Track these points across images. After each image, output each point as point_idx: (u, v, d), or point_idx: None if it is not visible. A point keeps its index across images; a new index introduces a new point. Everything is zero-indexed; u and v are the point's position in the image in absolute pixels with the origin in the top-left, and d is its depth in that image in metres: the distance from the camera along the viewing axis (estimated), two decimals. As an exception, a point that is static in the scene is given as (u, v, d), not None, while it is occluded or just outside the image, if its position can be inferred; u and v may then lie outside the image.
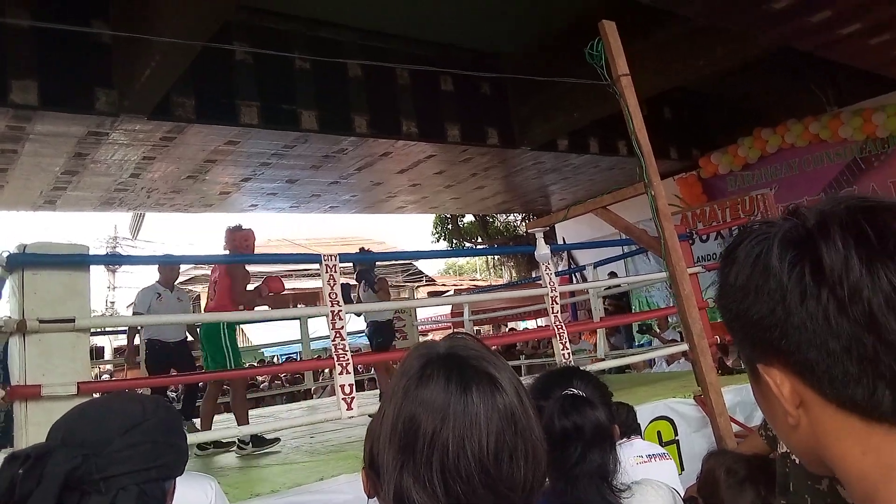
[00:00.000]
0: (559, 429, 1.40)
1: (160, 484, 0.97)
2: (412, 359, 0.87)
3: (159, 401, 1.04)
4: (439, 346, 0.88)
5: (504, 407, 0.80)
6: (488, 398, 0.80)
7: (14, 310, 2.83)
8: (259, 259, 5.17)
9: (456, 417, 0.78)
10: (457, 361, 0.84)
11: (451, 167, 9.39)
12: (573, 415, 1.42)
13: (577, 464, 1.37)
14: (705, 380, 2.45)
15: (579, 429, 1.40)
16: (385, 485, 0.79)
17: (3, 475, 0.87)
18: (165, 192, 8.87)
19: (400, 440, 0.79)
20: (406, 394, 0.82)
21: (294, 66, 6.86)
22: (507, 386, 0.82)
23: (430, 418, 0.78)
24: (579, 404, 1.44)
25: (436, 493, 0.76)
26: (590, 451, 1.38)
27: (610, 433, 1.46)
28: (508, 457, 0.78)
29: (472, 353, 0.86)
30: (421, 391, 0.81)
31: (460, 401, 0.79)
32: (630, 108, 2.51)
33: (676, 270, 2.48)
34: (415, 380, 0.82)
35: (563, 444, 1.38)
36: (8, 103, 5.46)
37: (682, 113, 10.25)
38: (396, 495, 0.78)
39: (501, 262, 19.63)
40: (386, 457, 0.80)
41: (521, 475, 0.78)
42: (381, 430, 0.83)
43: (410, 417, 0.80)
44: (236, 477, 3.20)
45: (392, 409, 0.82)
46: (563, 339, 3.96)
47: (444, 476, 0.76)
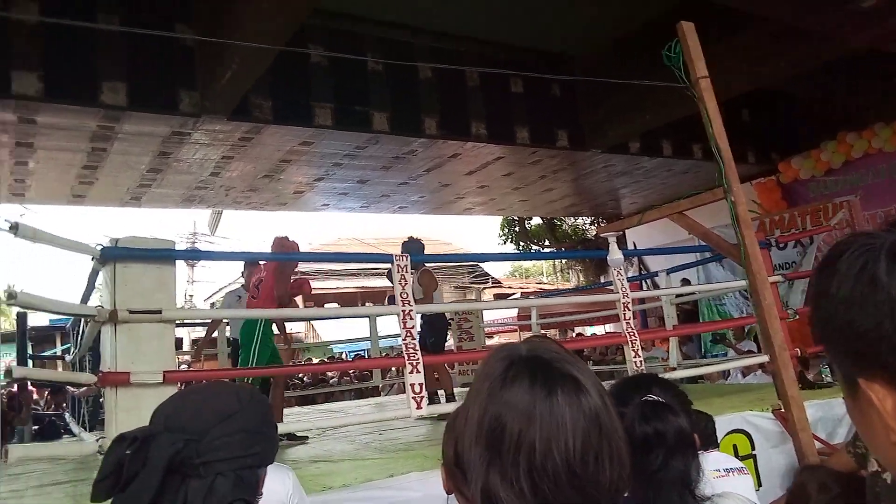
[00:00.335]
0: (640, 435, 1.38)
1: (254, 471, 1.02)
2: (495, 360, 0.88)
3: (254, 392, 1.09)
4: (521, 348, 0.89)
5: (589, 409, 0.81)
6: (573, 400, 0.81)
7: (106, 300, 2.99)
8: (334, 258, 5.35)
9: (542, 419, 0.79)
10: (540, 363, 0.85)
11: (519, 169, 9.36)
12: (654, 421, 1.40)
13: (660, 470, 1.35)
14: (787, 393, 2.36)
15: (661, 435, 1.38)
16: (472, 482, 0.81)
17: (112, 455, 0.94)
18: (242, 191, 9.17)
19: (486, 439, 0.80)
20: (491, 395, 0.83)
21: (367, 68, 6.98)
22: (590, 388, 0.83)
23: (515, 419, 0.79)
24: (660, 410, 1.42)
25: (523, 492, 0.77)
26: (672, 458, 1.36)
27: (692, 440, 1.43)
28: (594, 458, 0.78)
29: (555, 355, 0.87)
30: (506, 392, 0.82)
31: (546, 402, 0.80)
32: (709, 112, 2.45)
33: (757, 279, 2.40)
34: (499, 381, 0.84)
35: (645, 451, 1.37)
36: (99, 104, 5.76)
37: (761, 115, 9.89)
38: (484, 493, 0.79)
39: (569, 265, 19.39)
40: (472, 455, 0.81)
41: (606, 476, 0.79)
42: (466, 430, 0.84)
43: (496, 417, 0.81)
44: (308, 469, 3.28)
45: (476, 409, 0.83)
46: (635, 347, 3.90)
47: (532, 475, 0.77)
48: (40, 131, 6.44)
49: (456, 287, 23.84)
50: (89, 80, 5.65)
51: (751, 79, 7.23)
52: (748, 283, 2.46)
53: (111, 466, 0.92)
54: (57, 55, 5.51)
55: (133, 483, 0.91)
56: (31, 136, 6.57)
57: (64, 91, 5.60)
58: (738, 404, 3.79)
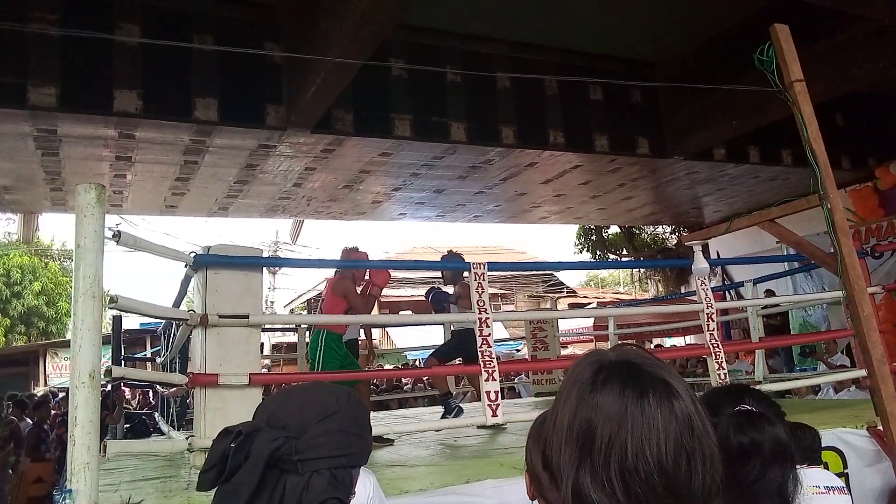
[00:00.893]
0: (736, 445, 1.35)
1: (348, 471, 1.06)
2: (583, 366, 0.89)
3: (351, 394, 1.13)
4: (609, 353, 0.90)
5: (681, 412, 0.81)
6: (665, 403, 0.81)
7: (198, 305, 3.14)
8: (411, 265, 5.45)
9: (633, 421, 0.79)
10: (631, 367, 0.85)
11: (597, 177, 9.23)
12: (750, 430, 1.36)
13: (756, 482, 1.31)
14: (885, 409, 2.23)
15: (758, 445, 1.34)
16: (562, 484, 0.81)
17: (217, 446, 0.99)
18: (323, 201, 9.43)
19: (577, 441, 0.81)
20: (580, 399, 0.84)
21: (446, 79, 7.06)
22: (682, 392, 0.83)
23: (607, 423, 0.80)
24: (756, 420, 1.38)
25: (615, 493, 0.77)
26: (769, 470, 1.32)
27: (790, 452, 1.38)
28: (686, 460, 0.78)
29: (645, 360, 0.88)
30: (596, 397, 0.82)
31: (637, 405, 0.80)
32: (804, 116, 2.35)
33: (855, 290, 2.28)
34: (588, 385, 0.84)
35: (741, 462, 1.33)
36: (192, 119, 6.06)
37: (856, 119, 9.39)
38: (575, 494, 0.79)
39: (647, 275, 18.93)
40: (562, 457, 0.82)
41: (699, 479, 0.78)
42: (555, 434, 0.85)
43: (586, 421, 0.81)
44: (385, 473, 3.32)
45: (566, 414, 0.84)
46: (719, 359, 3.77)
47: (623, 476, 0.77)
48: (138, 146, 6.84)
49: (530, 296, 23.68)
50: (184, 97, 5.96)
51: (846, 81, 6.89)
52: (844, 294, 2.34)
53: (216, 458, 0.97)
54: (155, 74, 5.84)
55: (235, 475, 0.96)
56: (129, 151, 6.98)
57: (161, 108, 5.93)
58: (829, 420, 3.60)
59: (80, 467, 2.17)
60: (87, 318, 2.25)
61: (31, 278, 22.82)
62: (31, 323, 23.18)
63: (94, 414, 2.20)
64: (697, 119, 7.76)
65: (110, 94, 5.70)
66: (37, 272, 23.19)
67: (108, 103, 5.71)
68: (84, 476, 2.17)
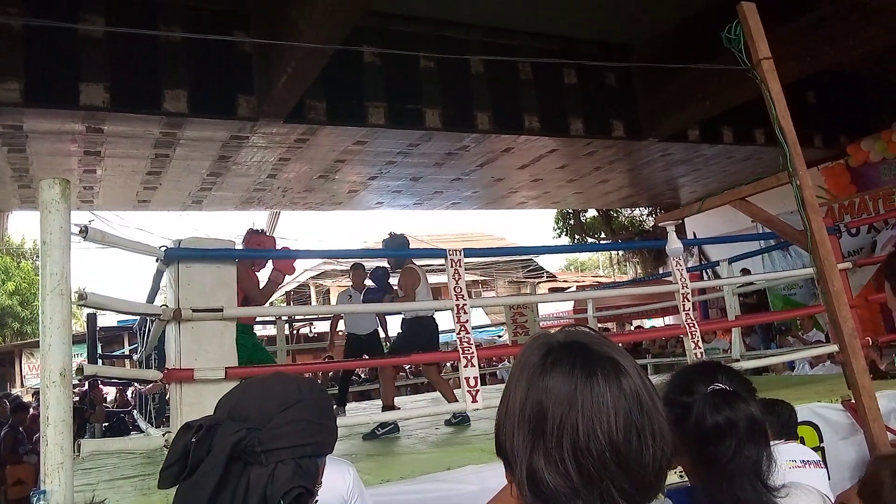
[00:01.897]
0: (711, 424, 1.35)
1: (314, 460, 1.05)
2: (532, 349, 0.89)
3: (313, 383, 1.11)
4: (557, 335, 0.90)
5: (630, 389, 0.82)
6: (613, 381, 0.82)
7: (170, 300, 3.10)
8: (384, 254, 5.33)
9: (583, 401, 0.80)
10: (579, 348, 0.86)
11: (573, 161, 9.25)
12: (725, 409, 1.36)
13: (732, 460, 1.32)
14: (857, 383, 2.26)
15: (733, 424, 1.34)
16: (516, 468, 0.82)
17: (179, 442, 0.98)
18: (299, 192, 9.36)
19: (529, 424, 0.82)
20: (530, 383, 0.84)
21: (419, 65, 7.02)
22: (630, 369, 0.84)
23: (557, 404, 0.81)
24: (731, 398, 1.38)
25: (568, 473, 0.78)
26: (744, 447, 1.32)
27: (764, 429, 1.39)
28: (637, 436, 0.80)
29: (593, 339, 0.89)
30: (545, 379, 0.83)
31: (587, 385, 0.81)
32: (772, 94, 2.36)
33: (825, 265, 2.31)
34: (538, 368, 0.85)
35: (717, 440, 1.34)
36: (162, 111, 5.96)
37: (827, 97, 9.49)
38: (529, 476, 0.80)
39: (626, 258, 19.07)
40: (515, 442, 0.83)
41: (650, 453, 0.80)
42: (507, 419, 0.86)
43: (537, 403, 0.82)
44: (367, 463, 3.32)
45: (517, 398, 0.85)
46: (695, 338, 3.81)
47: (576, 456, 0.78)
48: (107, 140, 6.71)
49: (510, 282, 23.78)
50: (153, 89, 5.85)
51: (817, 60, 6.95)
52: (815, 270, 2.37)
53: (178, 453, 0.96)
54: (122, 66, 5.73)
55: (197, 470, 0.94)
56: (98, 145, 6.86)
57: (129, 100, 5.82)
58: (805, 396, 3.66)
59: (54, 467, 2.14)
60: (56, 317, 2.21)
61: (4, 278, 22.45)
62: (5, 324, 22.83)
63: (66, 413, 2.16)
64: (672, 101, 7.79)
65: (76, 88, 5.59)
66: (9, 272, 22.82)
67: (74, 97, 5.60)
68: (58, 476, 2.14)
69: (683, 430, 1.40)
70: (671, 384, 1.50)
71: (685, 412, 1.40)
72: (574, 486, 0.78)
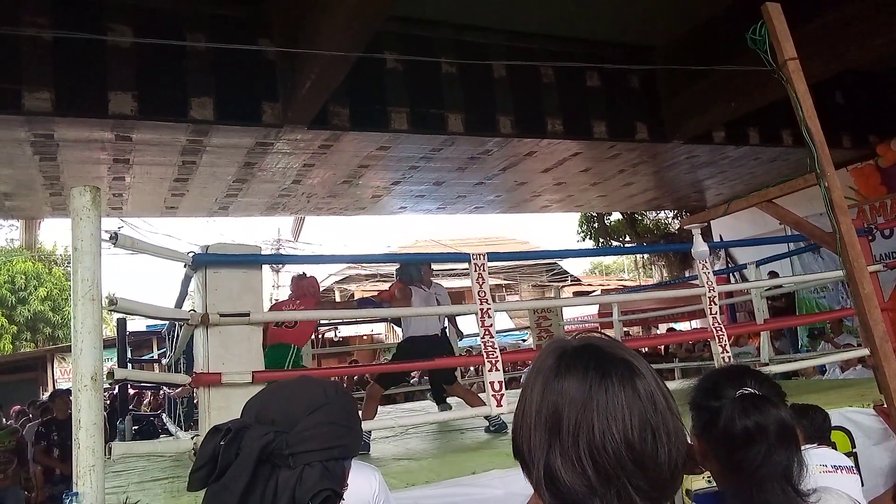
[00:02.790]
0: (741, 429, 1.34)
1: (340, 463, 1.06)
2: (546, 354, 0.92)
3: (338, 386, 1.13)
4: (571, 340, 0.93)
5: (644, 390, 0.84)
6: (628, 382, 0.84)
7: (198, 304, 3.14)
8: (411, 259, 5.39)
9: (598, 401, 0.82)
10: (592, 351, 0.88)
11: (597, 164, 9.20)
12: (755, 414, 1.34)
13: (762, 465, 1.30)
14: (889, 387, 2.22)
15: (763, 428, 1.33)
16: (534, 468, 0.83)
17: (207, 445, 0.99)
18: (323, 197, 9.42)
19: (545, 426, 0.84)
20: (546, 386, 0.86)
21: (441, 70, 7.04)
22: (644, 371, 0.86)
23: (572, 405, 0.83)
24: (760, 403, 1.36)
25: (585, 472, 0.80)
26: (774, 452, 1.31)
27: (795, 432, 1.37)
28: (652, 435, 0.81)
29: (606, 343, 0.91)
30: (561, 382, 0.85)
31: (601, 386, 0.83)
32: (798, 94, 2.32)
33: (854, 268, 2.27)
34: (552, 371, 0.87)
35: (747, 445, 1.32)
36: (189, 119, 6.05)
37: (856, 96, 9.33)
38: (547, 475, 0.82)
39: (651, 261, 18.90)
40: (532, 443, 0.85)
41: (665, 452, 0.82)
42: (523, 422, 0.88)
43: (553, 405, 0.84)
44: (391, 467, 3.33)
45: (533, 401, 0.87)
46: (722, 342, 3.76)
47: (592, 454, 0.80)
48: (135, 147, 6.83)
49: (534, 286, 23.67)
50: (179, 97, 5.94)
51: (842, 60, 6.83)
52: (844, 273, 2.33)
53: (206, 457, 0.97)
54: (149, 75, 5.83)
55: (226, 473, 0.96)
56: (127, 153, 6.98)
57: (156, 108, 5.91)
58: (836, 400, 3.59)
59: (86, 470, 2.18)
60: (87, 321, 2.26)
61: (36, 284, 22.87)
62: (37, 329, 23.26)
63: (97, 416, 2.21)
64: (696, 102, 7.72)
65: (105, 97, 5.69)
66: (41, 278, 23.25)
67: (103, 106, 5.70)
68: (90, 478, 2.18)
69: (712, 434, 1.39)
70: (699, 388, 1.49)
71: (713, 417, 1.39)
72: (591, 484, 0.79)
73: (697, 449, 1.46)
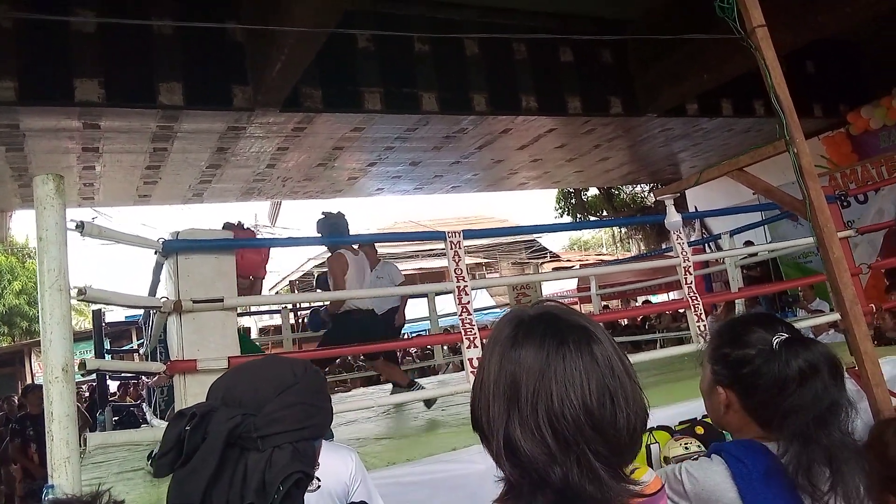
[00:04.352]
0: (795, 370, 1.31)
1: (311, 443, 1.04)
2: (503, 324, 0.91)
3: (307, 365, 1.10)
4: (528, 309, 0.92)
5: (601, 355, 0.84)
6: (585, 348, 0.84)
7: (170, 292, 3.10)
8: (386, 238, 5.35)
9: (556, 368, 0.82)
10: (549, 319, 0.88)
11: (572, 140, 9.21)
12: (804, 353, 1.32)
13: (821, 402, 1.28)
14: (859, 349, 2.26)
15: (815, 367, 1.31)
16: (493, 440, 0.83)
17: (171, 430, 0.97)
18: (299, 181, 9.34)
19: (504, 395, 0.84)
20: (503, 356, 0.86)
21: (414, 49, 6.97)
22: (601, 336, 0.86)
23: (530, 373, 0.82)
24: (807, 342, 1.35)
25: (544, 440, 0.79)
26: (830, 389, 1.30)
27: (843, 369, 1.36)
28: (610, 400, 0.81)
29: (563, 310, 0.91)
30: (518, 351, 0.85)
31: (558, 353, 0.83)
32: (767, 62, 2.33)
33: (824, 233, 2.29)
34: (509, 341, 0.87)
35: (802, 386, 1.30)
36: (157, 105, 5.94)
37: (826, 66, 9.41)
38: (507, 445, 0.82)
39: (629, 235, 19.05)
40: (491, 413, 0.84)
41: (623, 416, 0.82)
42: (482, 393, 0.88)
43: (511, 375, 0.84)
44: (372, 447, 3.34)
45: (491, 372, 0.87)
46: (698, 311, 3.80)
47: (551, 421, 0.80)
48: (104, 135, 6.70)
49: (514, 263, 23.76)
50: (147, 83, 5.83)
51: (813, 28, 6.87)
52: (815, 238, 2.35)
53: (171, 442, 0.95)
54: (115, 60, 5.70)
55: (193, 458, 0.94)
56: (96, 141, 6.85)
57: (124, 95, 5.80)
58: (810, 366, 3.64)
59: (61, 462, 2.15)
60: (56, 312, 2.21)
61: (10, 278, 22.52)
62: (13, 323, 22.94)
63: (70, 408, 2.17)
64: (668, 75, 7.73)
65: (71, 84, 5.57)
66: (15, 271, 22.89)
67: (69, 93, 5.58)
68: (65, 470, 2.15)
69: (747, 384, 1.36)
70: (720, 339, 1.46)
71: (750, 365, 1.36)
72: (551, 452, 0.79)
73: (722, 400, 1.43)
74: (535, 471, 0.79)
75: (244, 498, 0.91)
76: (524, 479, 0.81)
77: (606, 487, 0.79)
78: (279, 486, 0.93)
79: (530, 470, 0.80)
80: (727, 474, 1.31)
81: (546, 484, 0.80)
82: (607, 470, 0.80)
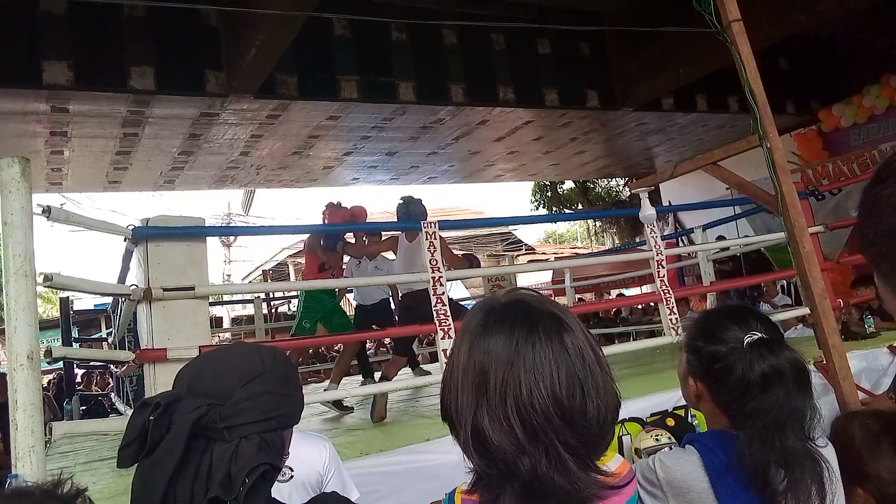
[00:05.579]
0: (759, 375, 1.31)
1: (279, 433, 1.01)
2: (473, 313, 0.90)
3: (276, 352, 1.07)
4: (500, 297, 0.91)
5: (573, 344, 0.82)
6: (555, 337, 0.82)
7: (140, 279, 3.04)
8: (361, 228, 5.33)
9: (525, 358, 0.80)
10: (520, 307, 0.86)
11: (549, 133, 9.23)
12: (770, 358, 1.31)
13: (781, 409, 1.28)
14: (828, 342, 2.29)
15: (780, 373, 1.30)
16: (461, 430, 0.82)
17: (135, 421, 0.94)
18: (273, 169, 9.24)
19: (472, 385, 0.82)
20: (472, 345, 0.85)
21: (391, 38, 6.91)
22: (573, 325, 0.85)
23: (499, 362, 0.81)
24: (775, 346, 1.33)
25: (513, 430, 0.78)
26: (792, 396, 1.29)
27: (809, 376, 1.35)
28: (581, 390, 0.80)
29: (535, 298, 0.89)
30: (487, 339, 0.83)
31: (527, 342, 0.81)
32: (742, 56, 2.34)
33: (795, 227, 2.32)
34: (479, 329, 0.85)
35: (765, 391, 1.30)
36: (128, 89, 5.82)
37: (799, 63, 9.53)
38: (474, 437, 0.80)
39: (603, 228, 19.17)
40: (459, 403, 0.83)
41: (594, 407, 0.81)
42: (450, 382, 0.86)
43: (479, 364, 0.82)
44: (346, 437, 3.33)
45: (460, 361, 0.85)
46: (669, 304, 3.84)
47: (520, 411, 0.78)
48: (73, 119, 6.56)
49: (490, 255, 23.81)
50: (118, 66, 5.72)
51: (787, 25, 6.95)
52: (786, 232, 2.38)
53: (135, 432, 0.92)
54: (85, 43, 5.57)
55: (157, 449, 0.91)
56: (64, 125, 6.69)
57: (94, 78, 5.68)
58: (779, 360, 3.70)
59: (25, 451, 2.11)
60: (21, 298, 2.16)
61: (-24, 265, 22.04)
62: (-22, 310, 22.46)
63: (35, 396, 2.13)
64: (645, 69, 7.77)
65: (39, 67, 5.44)
66: (-19, 258, 22.40)
67: (37, 76, 5.45)
68: (29, 460, 2.11)
69: (719, 380, 1.36)
70: (697, 331, 1.46)
71: (720, 362, 1.36)
72: (519, 442, 0.78)
73: (692, 390, 1.44)
74: (504, 461, 0.78)
75: (209, 490, 0.88)
76: (492, 470, 0.80)
77: (575, 479, 0.78)
78: (245, 479, 0.91)
79: (498, 461, 0.79)
80: (699, 464, 1.32)
81: (514, 475, 0.78)
82: (577, 461, 0.79)
